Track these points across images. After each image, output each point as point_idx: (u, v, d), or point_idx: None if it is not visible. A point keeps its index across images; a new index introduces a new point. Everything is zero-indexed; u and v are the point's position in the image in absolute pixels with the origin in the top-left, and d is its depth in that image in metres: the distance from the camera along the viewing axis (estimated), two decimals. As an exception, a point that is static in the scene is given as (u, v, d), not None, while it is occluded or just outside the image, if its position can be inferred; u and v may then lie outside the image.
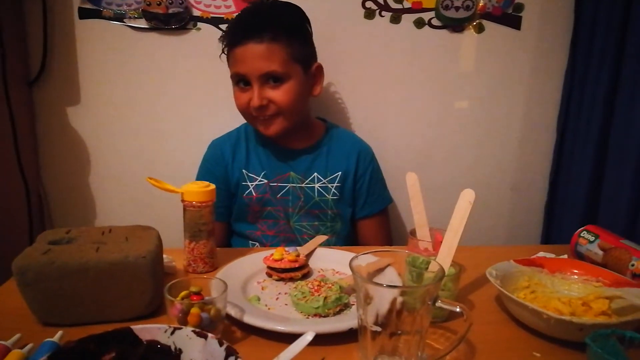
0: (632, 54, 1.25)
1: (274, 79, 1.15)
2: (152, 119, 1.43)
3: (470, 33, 1.43)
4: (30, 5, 1.32)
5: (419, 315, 0.62)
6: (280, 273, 0.90)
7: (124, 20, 1.36)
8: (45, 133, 1.42)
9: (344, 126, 1.41)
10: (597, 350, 0.59)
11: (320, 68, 1.25)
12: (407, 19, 1.40)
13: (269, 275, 0.92)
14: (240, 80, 1.17)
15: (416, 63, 1.44)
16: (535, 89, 1.48)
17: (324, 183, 1.27)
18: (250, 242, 1.29)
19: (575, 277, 0.87)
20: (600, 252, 0.95)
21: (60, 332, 0.69)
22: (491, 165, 1.53)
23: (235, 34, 1.17)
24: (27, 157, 1.36)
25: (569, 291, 0.85)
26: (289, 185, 1.25)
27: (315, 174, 1.27)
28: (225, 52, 1.21)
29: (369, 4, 1.39)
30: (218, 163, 1.28)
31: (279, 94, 1.16)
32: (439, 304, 0.63)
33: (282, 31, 1.14)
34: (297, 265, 0.90)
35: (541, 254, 1.02)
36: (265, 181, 1.25)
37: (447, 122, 1.49)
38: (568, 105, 1.44)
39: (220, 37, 1.24)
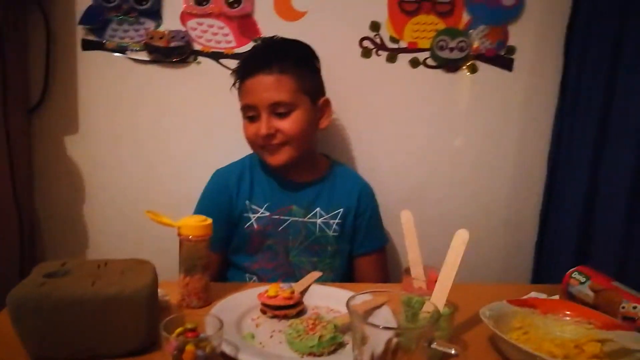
0: (620, 95, 1.29)
1: (282, 109, 1.18)
2: (151, 151, 1.45)
3: (464, 73, 1.47)
4: (34, 35, 1.35)
5: (414, 355, 0.62)
6: (274, 310, 0.90)
7: (126, 52, 1.38)
8: (41, 162, 1.42)
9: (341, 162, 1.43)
10: (590, 395, 0.59)
11: (327, 102, 1.29)
12: (403, 59, 1.44)
13: (263, 312, 0.91)
14: (250, 112, 1.21)
15: (411, 101, 1.48)
16: (526, 127, 1.51)
17: (325, 219, 1.27)
18: (247, 275, 1.28)
19: (568, 318, 0.88)
20: (592, 294, 0.96)
21: (53, 368, 0.68)
22: (484, 202, 1.55)
23: (247, 67, 1.22)
24: (22, 185, 1.36)
25: (562, 332, 0.85)
26: (291, 218, 1.26)
27: (318, 209, 1.28)
28: (237, 87, 1.25)
29: (365, 43, 1.43)
30: (222, 193, 1.28)
31: (286, 124, 1.19)
32: (434, 345, 0.63)
33: (290, 63, 1.19)
34: (291, 303, 0.90)
35: (533, 294, 1.03)
36: (268, 214, 1.26)
37: (441, 159, 1.52)
38: (558, 143, 1.46)
39: (233, 71, 1.29)
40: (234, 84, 1.27)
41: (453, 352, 0.63)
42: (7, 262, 1.31)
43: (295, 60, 1.21)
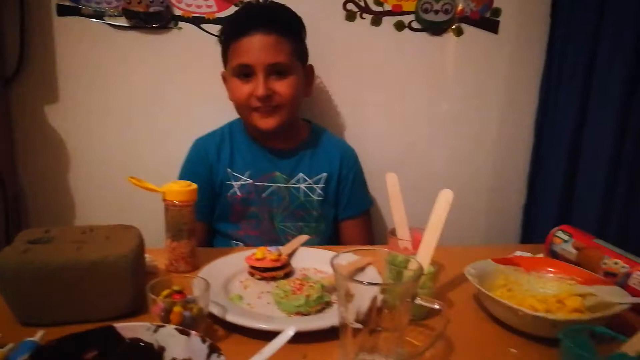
0: (605, 58, 1.29)
1: (278, 71, 1.17)
2: (132, 117, 1.42)
3: (449, 36, 1.45)
4: (6, 2, 1.30)
5: (398, 312, 0.63)
6: (262, 272, 0.90)
7: (104, 18, 1.34)
8: (22, 132, 1.39)
9: (324, 127, 1.42)
10: (570, 345, 0.61)
11: (312, 69, 1.29)
12: (388, 22, 1.42)
13: (251, 275, 0.92)
14: (243, 72, 1.18)
15: (396, 65, 1.46)
16: (512, 91, 1.51)
17: (309, 184, 1.27)
18: (233, 242, 1.29)
19: (550, 275, 0.90)
20: (574, 251, 0.98)
21: (41, 332, 0.68)
22: (470, 166, 1.56)
23: (241, 25, 1.18)
24: (4, 157, 1.34)
25: (544, 289, 0.87)
26: (274, 185, 1.26)
27: (301, 174, 1.27)
28: (226, 45, 1.21)
29: (349, 6, 1.40)
30: (202, 162, 1.27)
31: (283, 86, 1.18)
32: (418, 301, 0.64)
33: (287, 26, 1.19)
34: (279, 265, 0.91)
35: (518, 253, 1.04)
36: (250, 181, 1.25)
37: (427, 123, 1.52)
38: (545, 108, 1.47)
39: (221, 28, 1.26)
40: (222, 42, 1.23)
41: (436, 306, 0.65)
42: (-8, 233, 1.30)
43: (291, 24, 1.21)
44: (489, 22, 1.45)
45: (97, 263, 0.73)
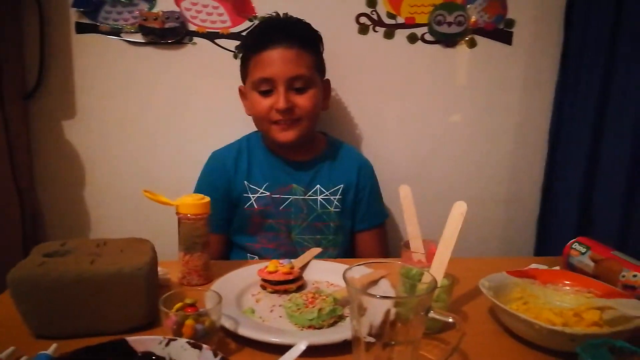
0: (621, 66, 1.27)
1: (300, 84, 1.18)
2: (148, 132, 1.44)
3: (462, 48, 1.45)
4: (28, 20, 1.34)
5: (412, 326, 0.62)
6: (274, 285, 0.90)
7: (121, 34, 1.37)
8: (40, 146, 1.42)
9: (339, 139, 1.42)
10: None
11: (329, 83, 1.30)
12: (401, 34, 1.43)
13: (264, 288, 0.92)
14: (264, 85, 1.18)
15: (410, 77, 1.46)
16: (526, 102, 1.50)
17: (326, 195, 1.27)
18: (249, 255, 1.29)
19: (567, 288, 0.88)
20: (592, 264, 0.96)
21: (54, 345, 0.69)
22: (484, 178, 1.54)
23: (262, 39, 1.19)
24: (22, 170, 1.36)
25: (561, 302, 0.85)
26: (292, 197, 1.26)
27: (318, 186, 1.28)
28: (245, 59, 1.23)
29: (362, 20, 1.41)
30: (220, 175, 1.28)
31: (303, 100, 1.19)
32: (432, 314, 0.63)
33: (308, 40, 1.21)
34: (291, 278, 0.91)
35: (534, 265, 1.02)
36: (268, 193, 1.26)
37: (441, 135, 1.51)
38: (559, 118, 1.46)
39: (241, 43, 1.29)
40: (242, 56, 1.25)
41: (450, 320, 0.64)
42: (10, 246, 1.33)
43: (311, 37, 1.23)
44: (502, 33, 1.45)
45: (111, 276, 0.73)
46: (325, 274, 0.98)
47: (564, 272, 0.94)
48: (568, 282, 0.89)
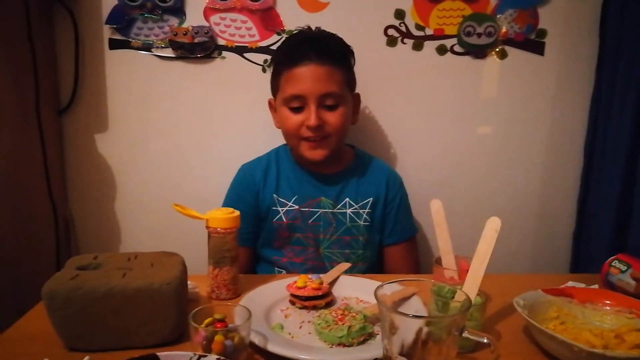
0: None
1: (331, 101, 1.17)
2: (178, 146, 1.46)
3: (493, 59, 1.43)
4: (63, 36, 1.38)
5: (445, 345, 0.61)
6: (303, 301, 0.89)
7: (152, 50, 1.40)
8: (73, 159, 1.45)
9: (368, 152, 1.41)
10: (633, 385, 0.57)
11: (359, 97, 1.30)
12: (430, 46, 1.42)
13: (292, 303, 0.91)
14: (295, 102, 1.18)
15: (439, 89, 1.45)
16: (560, 114, 1.47)
17: (355, 209, 1.27)
18: (276, 269, 1.28)
19: (607, 308, 0.85)
20: (633, 282, 0.93)
21: (87, 358, 0.70)
22: (516, 191, 1.51)
23: (294, 55, 1.18)
24: (56, 183, 1.40)
25: (601, 323, 0.82)
26: (321, 210, 1.25)
27: (347, 199, 1.27)
28: (277, 75, 1.22)
29: (390, 32, 1.41)
30: (249, 188, 1.28)
31: (334, 117, 1.18)
32: (465, 334, 0.62)
33: (340, 56, 1.20)
34: (320, 293, 0.90)
35: (570, 283, 0.99)
36: (296, 207, 1.25)
37: (471, 148, 1.49)
38: (595, 130, 1.42)
39: (273, 56, 1.29)
40: (274, 70, 1.24)
41: (485, 340, 0.62)
42: (44, 257, 1.36)
43: (343, 53, 1.22)
44: (534, 43, 1.42)
45: (142, 290, 0.74)
46: (355, 290, 0.97)
47: (604, 291, 0.91)
48: (608, 302, 0.85)
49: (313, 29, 1.27)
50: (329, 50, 1.18)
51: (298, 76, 1.16)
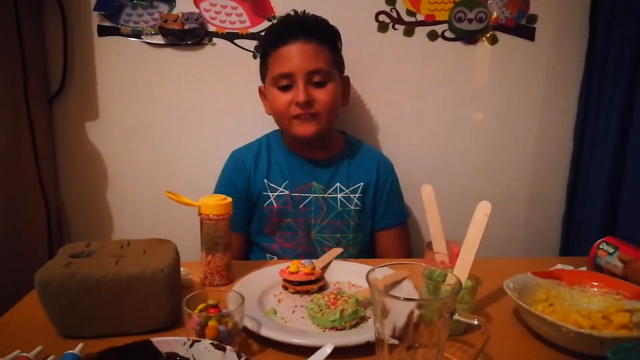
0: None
1: (319, 78, 1.18)
2: (169, 133, 1.46)
3: (483, 45, 1.43)
4: (51, 24, 1.36)
5: (436, 328, 0.61)
6: (296, 286, 0.90)
7: (141, 36, 1.38)
8: (64, 148, 1.44)
9: (359, 138, 1.42)
10: (619, 364, 0.58)
11: (348, 80, 1.30)
12: (421, 32, 1.41)
13: (285, 288, 0.92)
14: (283, 81, 1.19)
15: (430, 75, 1.45)
16: (550, 99, 1.48)
17: (346, 193, 1.27)
18: (267, 255, 1.29)
19: (595, 289, 0.86)
20: (620, 264, 0.94)
21: (80, 345, 0.70)
22: (507, 177, 1.52)
23: (281, 35, 1.20)
24: (47, 172, 1.39)
25: (589, 304, 0.83)
26: (312, 195, 1.26)
27: (338, 184, 1.28)
28: (265, 56, 1.23)
29: (382, 17, 1.40)
30: (240, 173, 1.29)
31: (322, 94, 1.19)
32: (456, 317, 0.62)
33: (326, 36, 1.21)
34: (313, 278, 0.91)
35: (559, 266, 1.01)
36: (287, 192, 1.26)
37: (462, 133, 1.49)
38: (585, 115, 1.43)
39: (260, 41, 1.30)
40: (261, 54, 1.26)
41: (475, 322, 0.63)
42: (36, 246, 1.35)
43: (329, 33, 1.23)
44: (524, 29, 1.42)
45: (135, 277, 0.74)
46: (347, 274, 0.98)
47: (591, 273, 0.92)
48: (596, 284, 0.87)
49: (300, 13, 1.27)
50: (316, 29, 1.20)
51: (285, 54, 1.17)
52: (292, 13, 1.27)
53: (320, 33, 1.20)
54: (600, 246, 1.00)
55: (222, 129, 1.46)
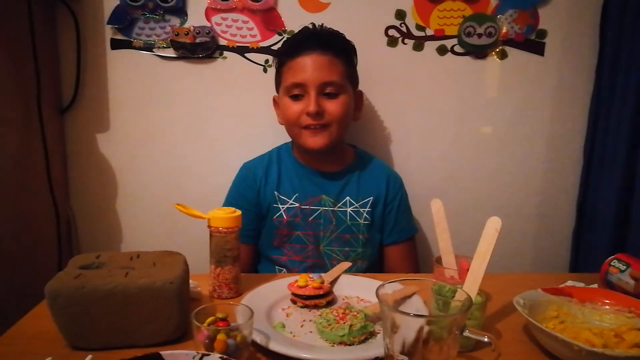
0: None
1: (331, 89, 1.19)
2: (179, 145, 1.47)
3: (493, 59, 1.44)
4: (64, 37, 1.38)
5: (446, 344, 0.61)
6: (304, 300, 0.90)
7: (153, 50, 1.40)
8: (75, 159, 1.46)
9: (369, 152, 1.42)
10: (632, 384, 0.57)
11: (361, 94, 1.31)
12: (430, 46, 1.42)
13: (294, 302, 0.92)
14: (296, 90, 1.20)
15: (439, 89, 1.45)
16: (560, 114, 1.47)
17: (355, 207, 1.27)
18: (276, 267, 1.29)
19: (607, 307, 0.85)
20: (632, 282, 0.93)
21: (90, 356, 0.70)
22: (516, 191, 1.51)
23: (297, 45, 1.21)
24: (58, 182, 1.40)
25: (600, 322, 0.83)
26: (321, 208, 1.26)
27: (348, 197, 1.28)
28: (280, 65, 1.24)
29: (391, 32, 1.41)
30: (250, 185, 1.29)
31: (334, 105, 1.20)
32: (466, 333, 0.62)
33: (342, 49, 1.22)
34: (321, 292, 0.90)
35: (570, 282, 1.00)
36: (297, 204, 1.26)
37: (471, 148, 1.49)
38: (595, 130, 1.42)
39: (277, 51, 1.31)
40: (277, 63, 1.27)
41: (486, 339, 0.62)
42: (46, 256, 1.36)
43: (345, 47, 1.24)
44: (534, 44, 1.43)
45: (145, 289, 0.74)
46: (355, 289, 0.97)
47: (603, 291, 0.91)
48: (607, 301, 0.86)
49: (317, 26, 1.28)
50: (332, 42, 1.21)
51: (300, 65, 1.19)
52: (311, 26, 1.28)
53: (336, 46, 1.21)
54: (612, 263, 0.99)
55: (233, 141, 1.47)
